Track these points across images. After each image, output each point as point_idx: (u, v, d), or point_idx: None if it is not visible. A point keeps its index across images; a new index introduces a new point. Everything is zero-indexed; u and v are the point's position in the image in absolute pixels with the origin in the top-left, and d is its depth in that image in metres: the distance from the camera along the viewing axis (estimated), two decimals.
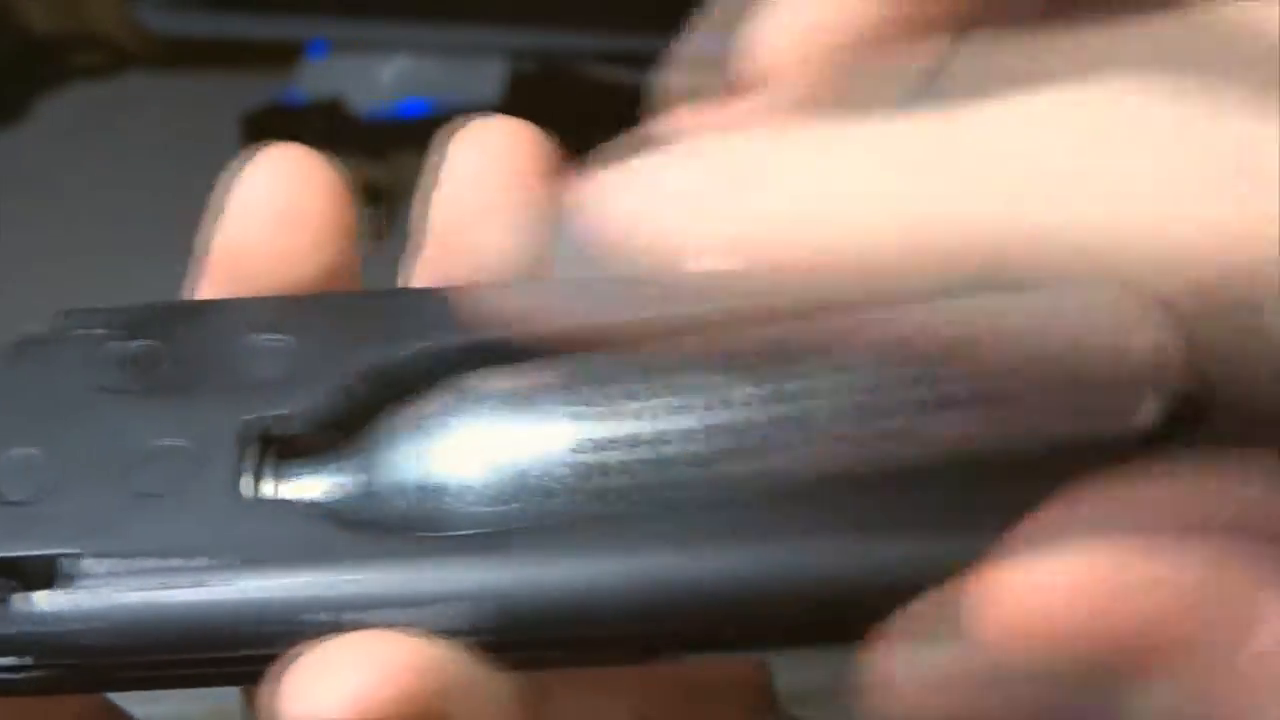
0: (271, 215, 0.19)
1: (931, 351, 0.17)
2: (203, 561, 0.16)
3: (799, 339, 0.17)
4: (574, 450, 0.17)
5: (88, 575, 0.17)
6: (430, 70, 0.91)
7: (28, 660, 0.16)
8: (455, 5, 0.91)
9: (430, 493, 0.17)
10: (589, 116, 0.98)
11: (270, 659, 0.16)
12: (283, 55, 0.91)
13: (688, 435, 0.17)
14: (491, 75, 0.91)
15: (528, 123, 0.20)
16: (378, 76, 0.90)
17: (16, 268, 0.75)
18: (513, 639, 0.17)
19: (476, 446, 0.17)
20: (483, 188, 0.20)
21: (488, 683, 0.17)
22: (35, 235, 0.78)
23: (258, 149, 0.20)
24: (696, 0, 1.04)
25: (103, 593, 0.16)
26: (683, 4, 1.05)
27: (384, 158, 0.81)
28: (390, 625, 0.16)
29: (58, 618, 0.16)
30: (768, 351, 0.17)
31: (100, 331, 0.20)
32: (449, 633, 0.16)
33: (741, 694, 0.24)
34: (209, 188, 0.95)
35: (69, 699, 0.19)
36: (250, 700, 0.19)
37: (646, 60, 1.09)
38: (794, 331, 0.17)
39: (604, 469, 0.17)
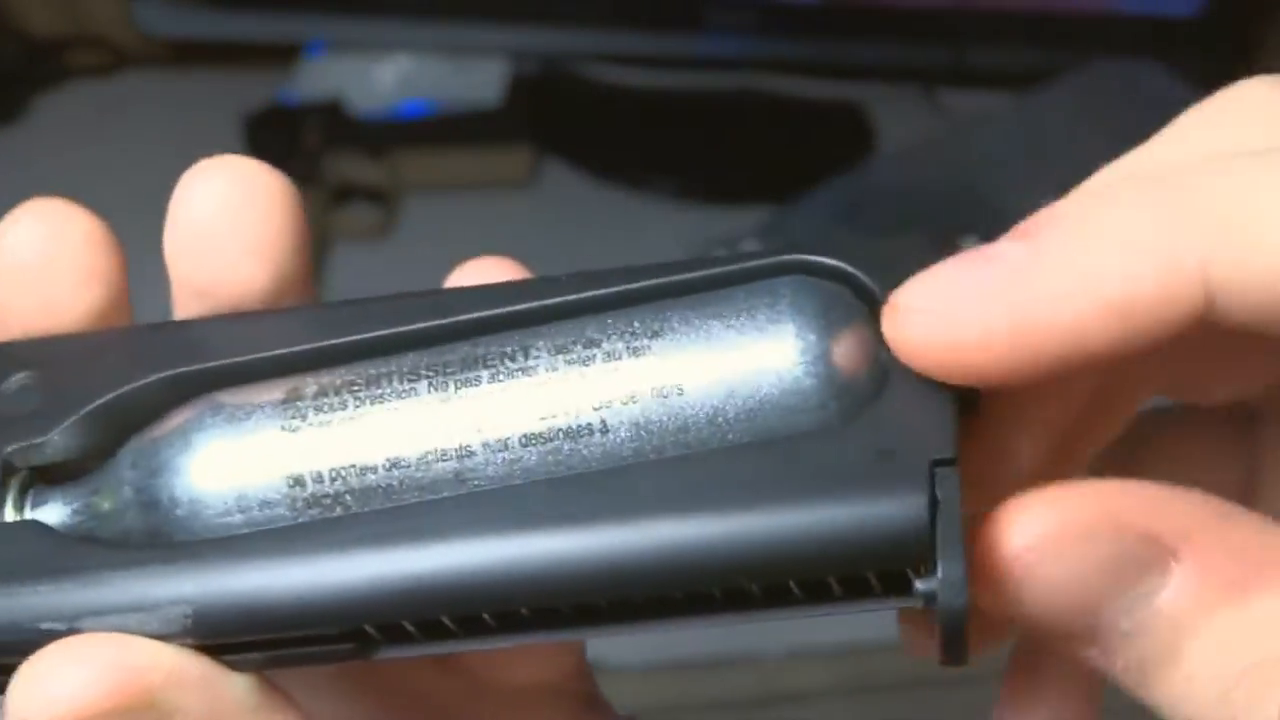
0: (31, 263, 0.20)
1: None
2: None
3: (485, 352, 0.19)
4: (288, 462, 0.18)
5: None
6: (430, 70, 0.91)
7: None
8: (455, 5, 0.91)
9: (153, 508, 0.19)
10: (589, 116, 0.99)
11: (13, 669, 0.18)
12: (282, 55, 0.91)
13: (390, 440, 0.18)
14: (491, 75, 0.92)
15: (252, 162, 0.21)
16: (378, 76, 0.90)
17: None
18: (233, 639, 0.18)
19: (197, 463, 0.19)
20: (214, 224, 0.21)
21: (217, 679, 0.18)
22: None
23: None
24: (697, 0, 1.03)
25: None
26: (683, 4, 1.05)
27: (384, 158, 0.81)
28: (120, 630, 0.18)
29: None
30: (460, 363, 0.19)
31: None
32: (177, 635, 0.18)
33: (555, 698, 0.24)
34: None
35: None
36: None
37: (646, 60, 1.09)
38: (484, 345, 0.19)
39: (317, 478, 0.18)
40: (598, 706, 0.25)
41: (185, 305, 0.21)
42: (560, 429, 0.18)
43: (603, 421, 0.18)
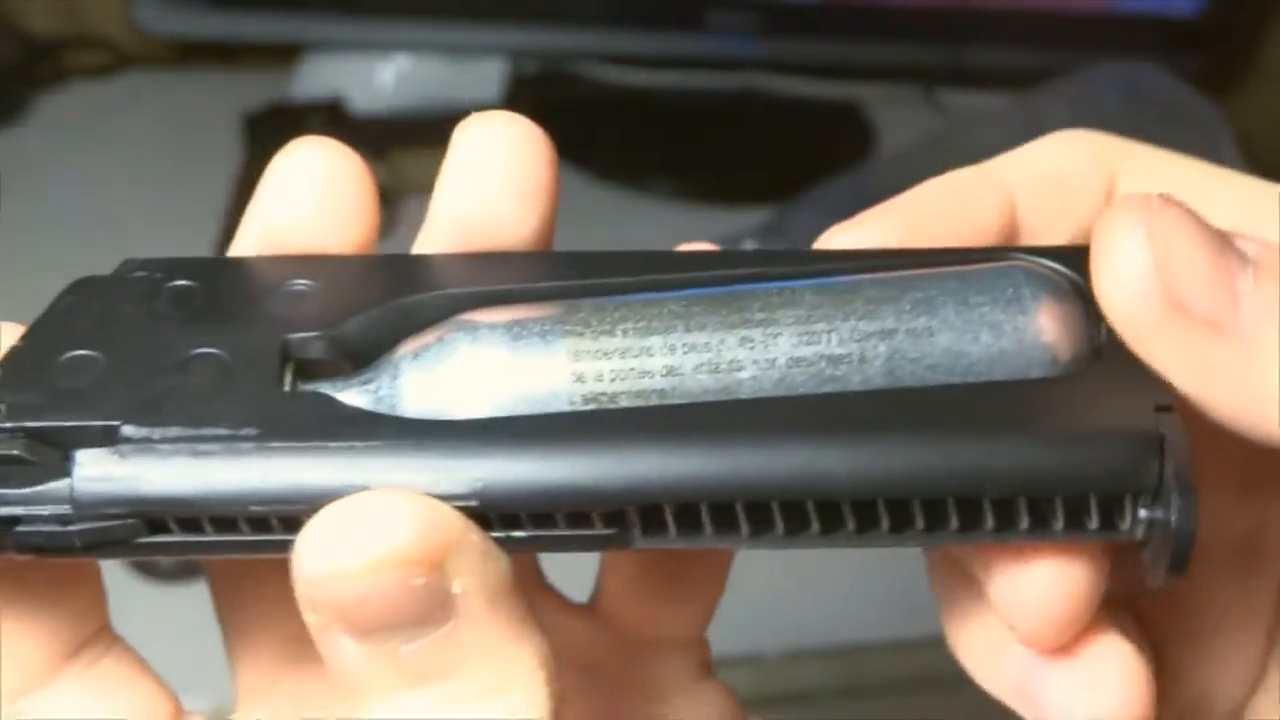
0: (310, 199, 0.22)
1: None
2: (250, 432, 0.19)
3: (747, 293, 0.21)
4: (572, 359, 0.20)
5: (141, 440, 0.19)
6: (430, 70, 0.91)
7: (84, 512, 0.18)
8: (455, 5, 0.91)
9: (433, 395, 0.20)
10: (589, 116, 0.99)
11: (299, 524, 0.18)
12: (283, 55, 0.91)
13: (667, 351, 0.20)
14: (491, 75, 0.92)
15: (525, 119, 0.22)
16: (378, 76, 0.90)
17: (17, 266, 0.75)
18: (513, 509, 0.19)
19: (480, 353, 0.20)
20: (490, 177, 0.22)
21: (493, 553, 0.18)
22: (35, 234, 0.78)
23: (292, 143, 0.23)
24: (698, 1, 1.03)
25: (152, 454, 0.18)
26: (684, 4, 1.05)
27: (384, 157, 0.81)
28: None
29: (108, 475, 0.18)
30: (729, 299, 0.21)
31: (156, 275, 0.22)
32: (461, 501, 0.18)
33: (684, 653, 0.27)
34: (209, 186, 0.96)
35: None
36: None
37: (647, 60, 1.09)
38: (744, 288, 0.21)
39: (598, 375, 0.20)
40: (709, 667, 0.27)
41: (440, 239, 0.23)
42: (823, 355, 0.20)
43: (861, 352, 0.20)
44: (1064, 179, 0.24)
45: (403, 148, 0.82)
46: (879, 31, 0.92)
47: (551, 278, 0.22)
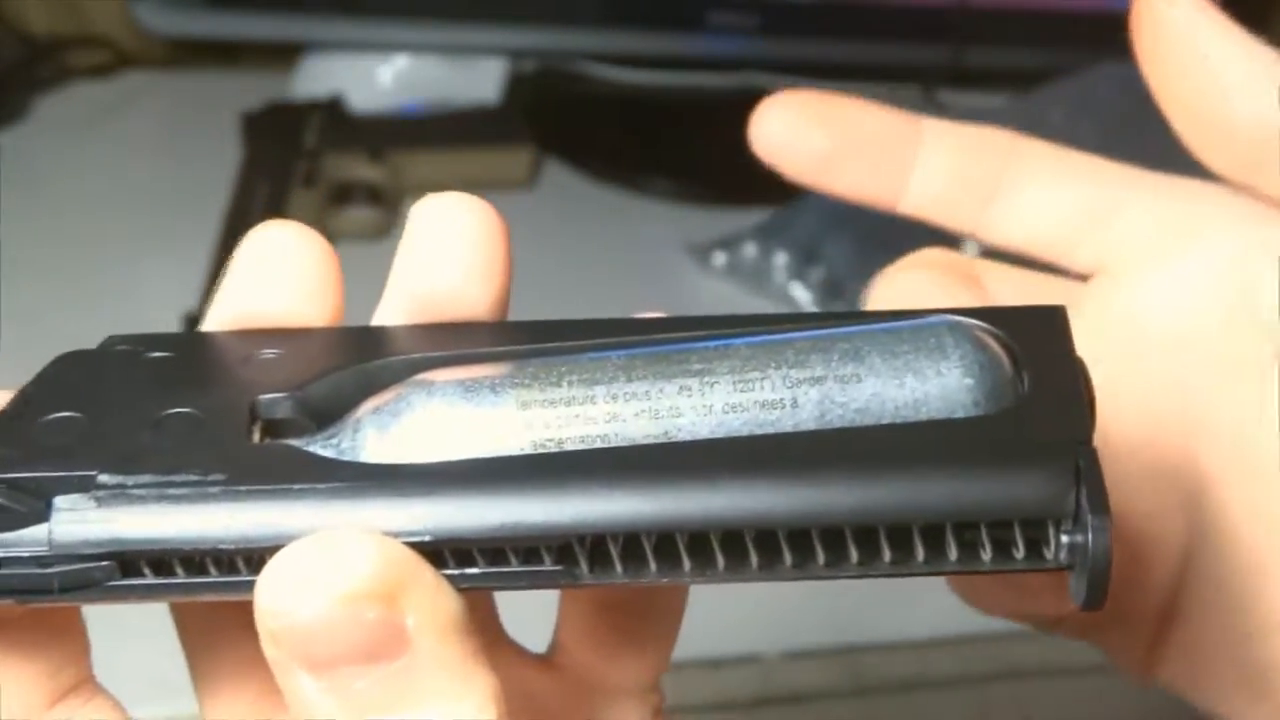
0: (282, 281, 0.24)
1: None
2: (218, 477, 0.20)
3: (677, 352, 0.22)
4: (520, 410, 0.21)
5: (116, 487, 0.20)
6: (430, 70, 0.91)
7: (61, 554, 0.19)
8: (455, 5, 0.91)
9: (389, 446, 0.21)
10: (589, 116, 0.99)
11: (264, 565, 0.19)
12: (283, 55, 0.91)
13: (609, 400, 0.21)
14: (491, 75, 0.92)
15: (480, 200, 0.24)
16: (378, 76, 0.91)
17: (17, 265, 0.75)
18: (461, 547, 0.20)
19: (437, 406, 0.21)
20: (450, 258, 0.24)
21: (444, 590, 0.19)
22: (36, 233, 0.78)
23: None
24: (698, 0, 1.03)
25: (126, 499, 0.20)
26: (684, 4, 1.05)
27: (384, 157, 0.81)
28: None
29: (85, 519, 0.19)
30: (665, 357, 0.22)
31: (137, 348, 0.23)
32: (411, 538, 0.19)
33: (638, 700, 0.28)
34: (208, 186, 0.96)
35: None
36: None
37: (646, 60, 1.09)
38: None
39: (545, 423, 0.21)
40: (662, 714, 0.28)
41: (396, 312, 0.24)
42: (757, 400, 0.21)
43: (794, 397, 0.21)
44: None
45: (402, 148, 0.82)
46: (879, 31, 0.92)
47: (502, 344, 0.23)
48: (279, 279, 0.24)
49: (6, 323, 0.71)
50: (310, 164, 0.79)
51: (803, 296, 0.76)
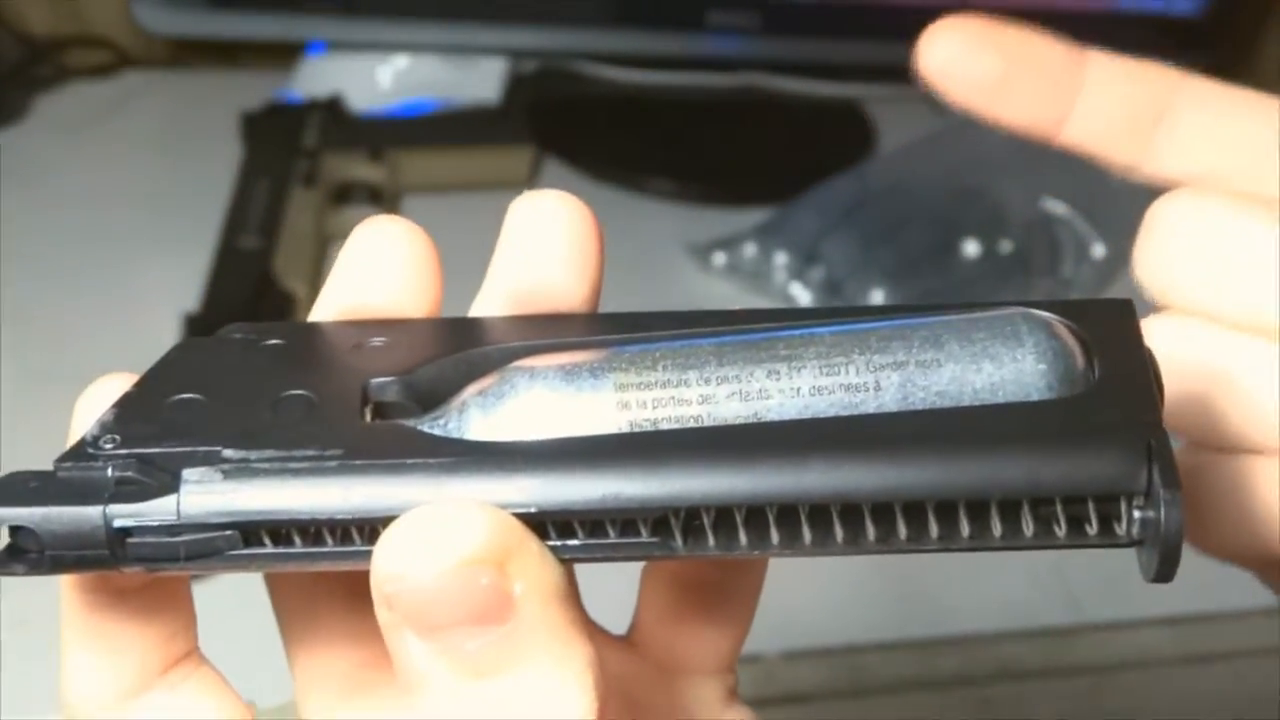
0: (389, 273, 0.25)
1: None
2: (335, 453, 0.21)
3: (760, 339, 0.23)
4: (618, 391, 0.22)
5: (240, 461, 0.21)
6: (430, 70, 0.91)
7: (189, 524, 0.21)
8: (455, 5, 0.91)
9: (495, 428, 0.22)
10: (589, 116, 0.99)
11: (378, 536, 0.20)
12: (283, 55, 0.91)
13: (702, 383, 0.22)
14: (491, 75, 0.92)
15: (574, 198, 0.26)
16: (378, 76, 0.91)
17: (17, 265, 0.75)
18: (563, 519, 0.21)
19: (539, 388, 0.22)
20: (549, 254, 0.25)
21: (547, 559, 0.20)
22: (36, 233, 0.78)
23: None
24: (698, 1, 1.03)
25: (249, 473, 0.21)
26: (683, 4, 1.05)
27: (384, 157, 0.82)
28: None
29: (210, 491, 0.21)
30: (755, 344, 0.23)
31: (251, 335, 0.25)
32: (518, 508, 0.20)
33: (714, 680, 0.29)
34: (208, 186, 0.96)
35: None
36: None
37: (647, 60, 1.09)
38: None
39: (641, 404, 0.22)
40: (737, 694, 0.29)
41: (496, 304, 0.25)
42: (842, 384, 0.22)
43: (876, 381, 0.22)
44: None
45: (402, 148, 0.82)
46: (879, 31, 0.92)
47: (597, 333, 0.24)
48: (385, 272, 0.25)
49: (6, 322, 0.71)
50: (310, 164, 0.79)
51: (803, 296, 0.76)
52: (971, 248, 0.78)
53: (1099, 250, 0.79)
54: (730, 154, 0.90)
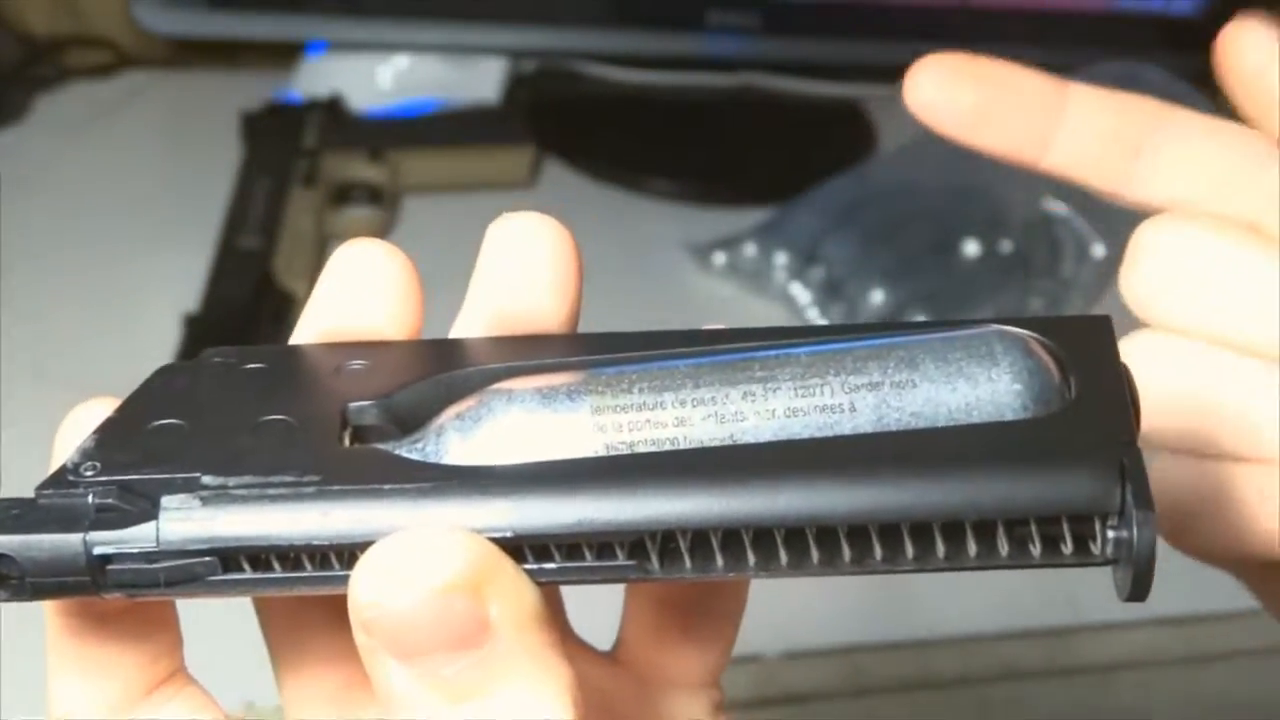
0: (367, 296, 0.25)
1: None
2: (313, 478, 0.21)
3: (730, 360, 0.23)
4: (593, 414, 0.22)
5: (219, 488, 0.21)
6: (430, 70, 0.91)
7: (168, 550, 0.21)
8: (455, 5, 0.91)
9: (471, 451, 0.22)
10: (589, 116, 0.99)
11: (356, 560, 0.20)
12: (283, 55, 0.91)
13: (678, 405, 0.22)
14: (491, 75, 0.92)
15: (552, 219, 0.26)
16: (377, 76, 0.91)
17: (17, 265, 0.75)
18: (539, 543, 0.21)
19: (516, 411, 0.22)
20: (527, 276, 0.25)
21: (524, 583, 0.20)
22: (36, 233, 0.78)
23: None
24: (697, 1, 1.03)
25: (228, 499, 0.21)
26: (683, 4, 1.05)
27: (384, 157, 0.81)
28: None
29: (190, 517, 0.21)
30: (727, 363, 0.23)
31: (231, 359, 0.25)
32: (494, 533, 0.21)
33: (699, 696, 0.29)
34: (208, 186, 0.95)
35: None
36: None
37: (647, 60, 1.09)
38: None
39: (617, 426, 0.22)
40: (722, 710, 0.29)
41: (479, 326, 0.25)
42: (817, 405, 0.22)
43: (851, 402, 0.22)
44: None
45: (402, 148, 0.82)
46: (879, 31, 0.93)
47: (575, 355, 0.25)
48: (365, 295, 0.25)
49: (6, 322, 0.71)
50: (310, 164, 0.79)
51: (802, 296, 0.76)
52: (971, 248, 0.78)
53: (1099, 250, 0.79)
54: (730, 154, 0.90)
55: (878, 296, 0.74)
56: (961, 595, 0.60)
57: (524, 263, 0.25)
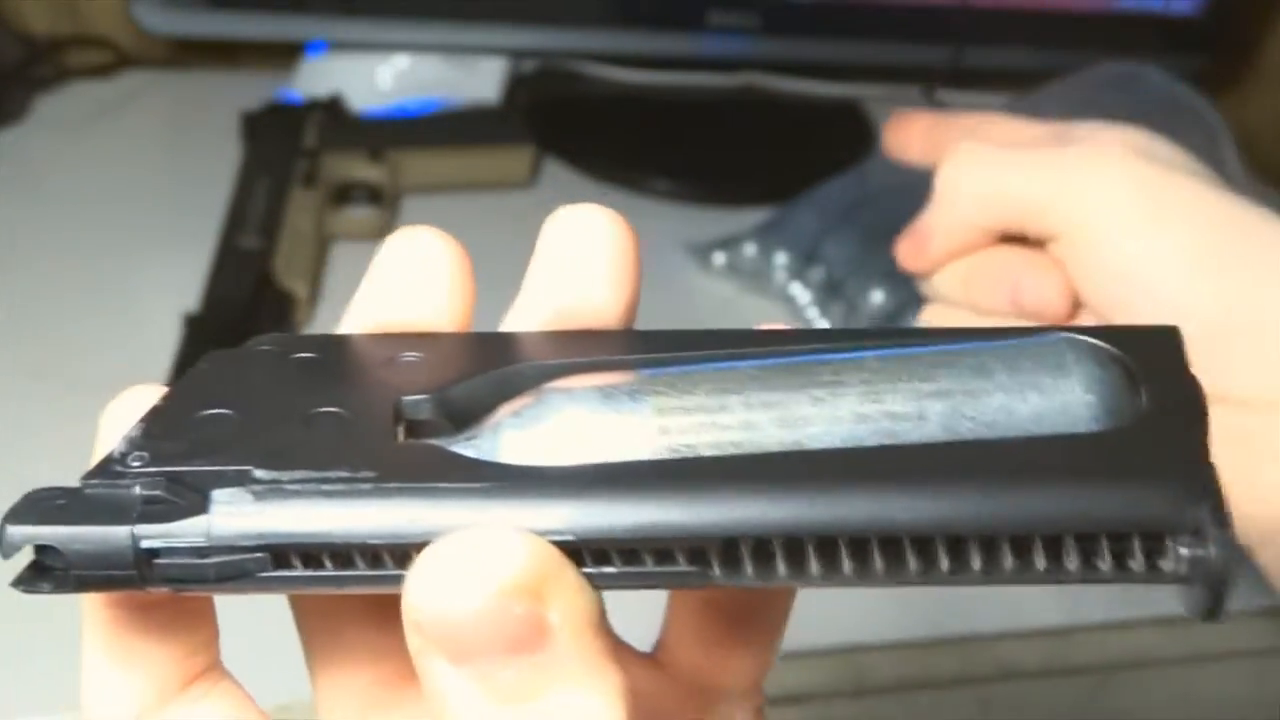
0: (417, 284, 0.25)
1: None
2: (368, 474, 0.20)
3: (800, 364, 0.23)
4: (657, 415, 0.22)
5: (271, 482, 0.20)
6: (430, 70, 0.91)
7: (219, 545, 0.20)
8: (455, 5, 0.91)
9: (529, 451, 0.22)
10: (589, 116, 0.99)
11: (410, 561, 0.19)
12: (283, 55, 0.91)
13: (743, 408, 0.22)
14: (491, 75, 0.92)
15: (612, 212, 0.25)
16: (378, 76, 0.91)
17: (17, 265, 0.75)
18: (600, 547, 0.20)
19: (575, 410, 0.22)
20: (589, 269, 0.25)
21: (584, 587, 0.20)
22: (35, 233, 0.78)
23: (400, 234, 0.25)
24: (697, 1, 1.03)
25: (281, 494, 0.20)
26: (683, 4, 1.05)
27: (384, 157, 0.82)
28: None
29: (242, 512, 0.20)
30: (794, 366, 0.22)
31: (279, 348, 0.24)
32: (555, 535, 0.20)
33: (741, 701, 0.28)
34: (208, 186, 0.96)
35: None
36: None
37: (647, 60, 1.09)
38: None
39: (681, 428, 0.22)
40: (763, 716, 0.29)
41: (537, 320, 0.25)
42: (886, 412, 0.22)
43: (920, 410, 0.22)
44: None
45: (402, 148, 0.82)
46: (879, 31, 0.93)
47: (635, 352, 0.24)
48: (418, 284, 0.25)
49: (6, 322, 0.71)
50: (310, 164, 0.79)
51: (802, 296, 0.76)
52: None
53: None
54: (730, 154, 0.90)
55: (878, 296, 0.74)
56: (962, 595, 0.60)
57: (585, 256, 0.25)
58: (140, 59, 0.94)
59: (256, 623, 0.28)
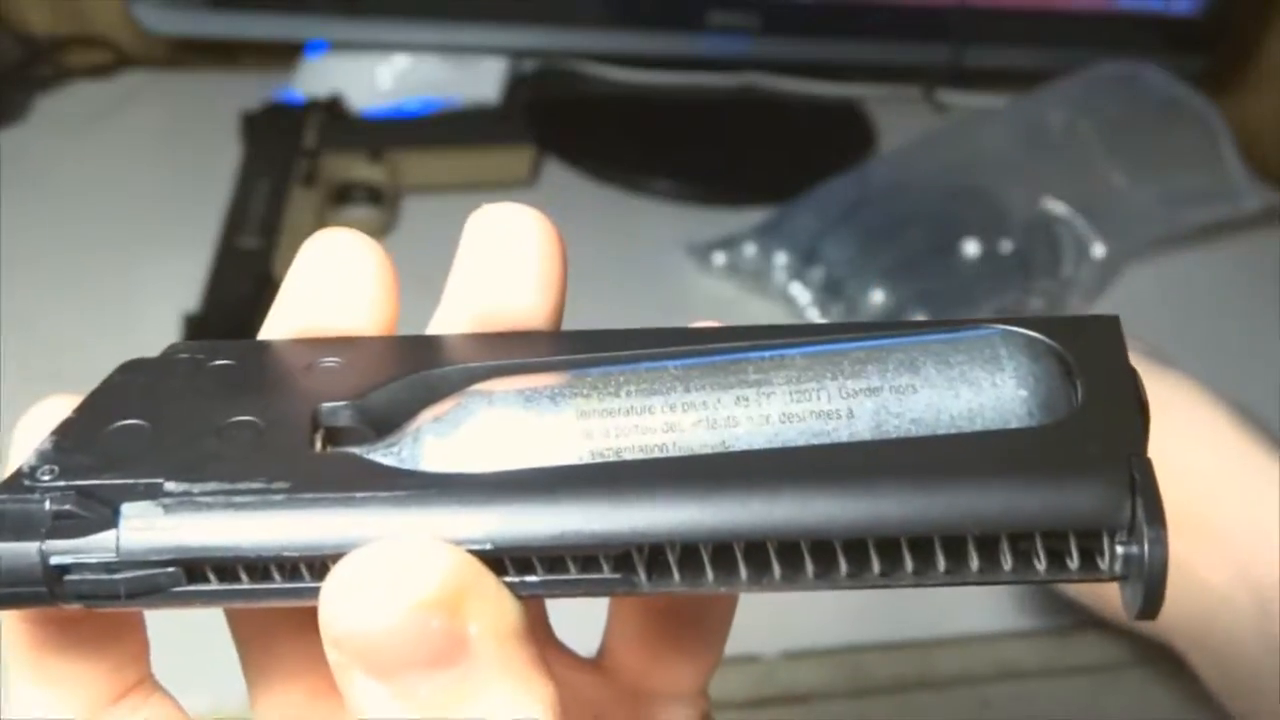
0: (338, 288, 0.24)
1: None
2: (282, 485, 0.20)
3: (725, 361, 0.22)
4: (580, 419, 0.21)
5: (182, 495, 0.20)
6: (430, 70, 0.91)
7: (129, 560, 0.20)
8: (455, 5, 0.91)
9: (450, 456, 0.21)
10: (589, 116, 0.99)
11: (328, 571, 0.19)
12: (283, 55, 0.91)
13: (667, 410, 0.21)
14: (491, 75, 0.92)
15: (537, 211, 0.24)
16: (378, 76, 0.91)
17: (17, 265, 0.75)
18: (521, 556, 0.20)
19: (497, 414, 0.21)
20: (511, 270, 0.24)
21: (505, 597, 0.19)
22: (35, 233, 0.78)
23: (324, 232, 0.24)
24: (697, 1, 1.04)
25: (192, 507, 0.20)
26: (683, 4, 1.05)
27: (384, 157, 0.82)
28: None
29: (152, 526, 0.20)
30: (720, 365, 0.22)
31: (198, 355, 0.24)
32: (474, 545, 0.20)
33: (686, 705, 0.28)
34: (208, 186, 0.95)
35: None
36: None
37: (647, 60, 1.09)
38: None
39: (604, 432, 0.21)
40: (710, 719, 0.29)
41: (458, 322, 0.24)
42: (813, 410, 0.21)
43: (849, 408, 0.21)
44: None
45: (402, 148, 0.82)
46: (879, 31, 0.93)
47: (560, 353, 0.23)
48: (339, 287, 0.24)
49: (6, 322, 0.71)
50: (310, 164, 0.79)
51: (802, 296, 0.76)
52: (971, 248, 0.78)
53: (1099, 250, 0.79)
54: (730, 154, 0.90)
55: (878, 296, 0.74)
56: (961, 595, 0.60)
57: (506, 256, 0.24)
58: (140, 59, 0.94)
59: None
